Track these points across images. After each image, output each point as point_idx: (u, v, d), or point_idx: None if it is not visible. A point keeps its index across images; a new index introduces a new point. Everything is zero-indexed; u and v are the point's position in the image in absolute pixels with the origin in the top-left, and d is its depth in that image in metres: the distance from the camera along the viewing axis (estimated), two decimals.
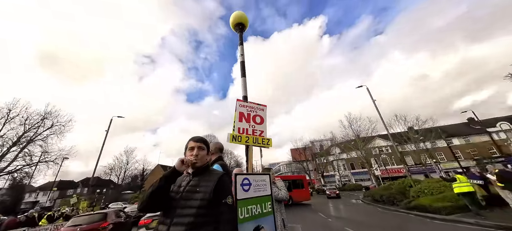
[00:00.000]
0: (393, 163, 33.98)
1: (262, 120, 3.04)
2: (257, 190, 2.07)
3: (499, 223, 5.51)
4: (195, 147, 1.41)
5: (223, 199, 1.27)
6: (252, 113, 3.03)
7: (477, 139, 29.96)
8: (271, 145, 2.85)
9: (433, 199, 8.37)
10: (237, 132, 2.75)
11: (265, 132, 2.96)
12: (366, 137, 29.89)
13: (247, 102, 3.12)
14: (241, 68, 3.37)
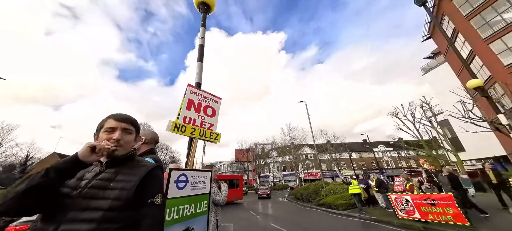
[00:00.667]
0: (313, 168, 41.65)
1: (214, 113, 2.74)
2: (195, 188, 1.85)
3: (373, 217, 7.75)
4: (117, 129, 1.00)
5: (149, 198, 0.95)
6: (204, 103, 2.69)
7: (366, 155, 42.13)
8: (219, 141, 2.57)
9: (335, 198, 10.73)
10: (182, 121, 2.34)
11: (216, 126, 2.69)
12: (298, 144, 35.20)
13: (200, 90, 2.74)
14: (199, 51, 3.04)
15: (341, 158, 37.06)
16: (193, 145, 2.35)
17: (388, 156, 41.89)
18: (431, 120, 15.95)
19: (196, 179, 2.03)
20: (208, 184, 2.18)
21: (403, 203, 6.79)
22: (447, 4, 16.35)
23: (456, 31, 16.08)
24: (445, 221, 5.56)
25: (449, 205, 5.55)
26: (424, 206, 6.12)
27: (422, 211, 6.18)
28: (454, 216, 5.39)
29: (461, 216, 5.25)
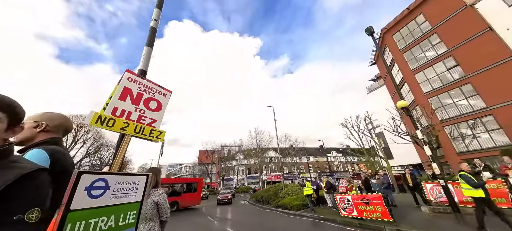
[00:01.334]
0: (276, 170, 43.41)
1: (159, 107, 2.31)
2: (119, 195, 1.52)
3: (321, 216, 8.44)
4: None
5: (17, 213, 0.68)
6: (146, 94, 2.25)
7: (321, 159, 46.67)
8: (163, 140, 2.14)
9: (292, 199, 11.30)
10: (111, 113, 1.87)
11: (159, 122, 2.28)
12: (264, 148, 36.15)
13: (143, 79, 2.29)
14: (149, 35, 2.64)
15: (300, 162, 39.97)
16: (124, 143, 1.91)
17: (338, 160, 47.74)
18: (371, 131, 19.03)
19: (122, 184, 1.63)
20: (141, 191, 1.80)
21: (345, 202, 7.65)
22: (389, 38, 20.02)
23: (393, 61, 19.80)
24: (375, 217, 6.51)
25: (378, 204, 6.53)
26: (361, 204, 7.03)
27: (359, 209, 7.08)
28: (382, 213, 6.37)
29: (387, 214, 6.24)
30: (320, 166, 45.44)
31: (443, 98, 15.11)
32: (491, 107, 12.22)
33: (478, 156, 10.23)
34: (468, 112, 13.47)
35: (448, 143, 14.13)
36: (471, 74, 13.40)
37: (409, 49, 17.95)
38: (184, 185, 14.86)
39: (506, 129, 11.49)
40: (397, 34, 19.25)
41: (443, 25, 15.40)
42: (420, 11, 17.20)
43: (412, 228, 5.45)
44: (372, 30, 8.55)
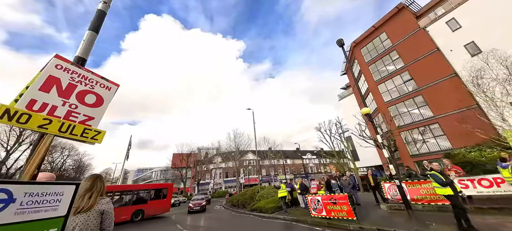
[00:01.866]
0: (254, 173, 43.37)
1: (99, 102, 1.95)
2: (30, 210, 1.27)
3: (294, 217, 8.59)
4: None
5: None
6: (81, 86, 1.90)
7: (297, 161, 48.40)
8: (100, 141, 1.81)
9: (267, 202, 11.33)
10: (26, 107, 1.52)
11: (98, 120, 1.91)
12: (243, 150, 35.72)
13: (80, 68, 1.94)
14: (95, 18, 2.33)
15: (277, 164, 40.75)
16: (42, 144, 1.55)
17: (313, 162, 50.19)
18: (341, 135, 20.53)
19: (36, 197, 1.33)
20: (66, 204, 1.48)
21: (315, 203, 7.93)
22: (357, 52, 22.06)
23: (360, 72, 21.83)
24: (341, 216, 6.87)
25: (344, 203, 6.93)
26: (329, 204, 7.37)
27: (327, 209, 7.41)
28: (347, 212, 6.76)
29: (351, 213, 6.64)
30: (296, 168, 47.08)
31: (400, 107, 17.19)
32: (437, 116, 14.35)
33: (427, 159, 11.83)
34: (419, 120, 15.57)
35: (403, 146, 16.06)
36: (422, 87, 15.57)
37: (374, 62, 20.06)
38: (151, 192, 13.59)
39: (448, 135, 13.60)
40: (364, 48, 21.35)
41: (401, 43, 17.64)
42: (383, 29, 19.43)
43: (372, 225, 5.89)
44: (342, 42, 9.22)
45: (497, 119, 8.68)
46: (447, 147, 13.36)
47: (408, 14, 17.72)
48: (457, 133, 12.44)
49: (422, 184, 7.39)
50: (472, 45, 13.13)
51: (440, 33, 15.22)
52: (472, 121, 10.51)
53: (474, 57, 12.18)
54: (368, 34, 20.91)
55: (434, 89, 14.80)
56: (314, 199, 8.02)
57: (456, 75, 13.56)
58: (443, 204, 6.70)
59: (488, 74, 9.42)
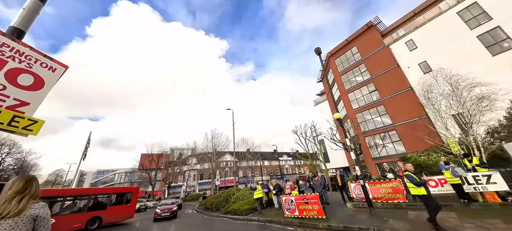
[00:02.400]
0: (230, 175, 42.60)
1: (38, 85, 1.57)
2: None
3: (268, 218, 8.58)
4: None
5: None
6: (14, 62, 1.54)
7: (274, 163, 49.39)
8: (36, 133, 1.48)
9: (242, 204, 11.13)
10: None
11: (35, 106, 1.52)
12: (221, 151, 34.71)
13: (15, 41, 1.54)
14: None
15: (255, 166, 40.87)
16: None
17: (288, 164, 51.90)
18: (314, 138, 21.70)
19: None
20: None
21: (289, 203, 8.08)
22: (332, 61, 23.73)
23: (334, 81, 23.51)
24: (312, 215, 7.13)
25: (315, 203, 7.21)
26: (302, 204, 7.58)
27: (300, 209, 7.61)
28: (317, 211, 7.04)
29: (321, 211, 6.94)
30: (272, 169, 47.98)
31: (365, 115, 19.02)
32: (395, 124, 16.30)
33: (386, 161, 13.28)
34: (380, 127, 17.46)
35: (367, 150, 17.77)
36: (384, 98, 17.52)
37: (346, 72, 21.84)
38: (112, 196, 12.06)
39: (403, 141, 15.53)
40: (338, 59, 23.11)
41: (369, 57, 19.62)
42: (355, 44, 21.35)
43: (339, 223, 6.24)
44: (320, 51, 9.74)
45: (442, 128, 10.25)
46: (402, 151, 15.25)
47: (376, 32, 19.84)
48: (410, 139, 14.31)
49: (382, 184, 8.19)
50: (425, 64, 15.36)
51: (400, 51, 17.42)
52: (422, 129, 12.22)
53: (426, 75, 14.26)
54: (342, 46, 22.71)
55: (393, 100, 16.80)
56: (288, 200, 8.16)
57: (411, 89, 15.65)
58: (398, 202, 7.52)
59: (436, 90, 11.09)
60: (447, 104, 10.21)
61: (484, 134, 9.12)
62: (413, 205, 7.06)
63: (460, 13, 14.10)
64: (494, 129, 9.11)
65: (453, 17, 14.39)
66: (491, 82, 9.70)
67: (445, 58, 13.72)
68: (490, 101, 9.08)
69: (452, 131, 9.80)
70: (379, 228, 5.28)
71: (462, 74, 10.40)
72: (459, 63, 12.13)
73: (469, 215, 5.37)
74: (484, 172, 5.89)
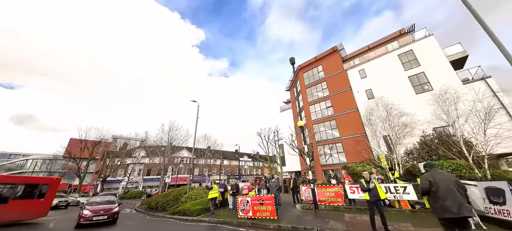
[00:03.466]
0: (185, 172, 39.55)
1: None
2: None
3: (220, 219, 8.18)
4: None
5: None
6: None
7: (234, 163, 48.99)
8: None
9: (194, 204, 10.30)
10: None
11: None
12: (177, 146, 31.58)
13: None
14: None
15: (214, 164, 39.38)
16: None
17: (247, 165, 52.61)
18: (276, 142, 22.76)
19: None
20: None
21: (245, 204, 7.97)
22: (301, 74, 25.61)
23: (300, 92, 25.40)
24: (265, 216, 7.22)
25: (270, 204, 7.35)
26: (257, 205, 7.60)
27: (254, 210, 7.60)
28: (270, 212, 7.18)
29: (274, 212, 7.11)
30: (231, 169, 47.45)
31: (320, 126, 21.28)
32: (341, 138, 18.83)
33: (331, 169, 15.09)
34: (330, 138, 19.86)
35: (317, 157, 19.86)
36: (336, 114, 20.05)
37: (310, 86, 23.97)
38: (18, 187, 9.04)
39: (346, 152, 18.07)
40: (306, 73, 25.16)
41: (329, 77, 22.14)
42: (321, 63, 23.75)
43: (288, 223, 6.52)
44: (294, 61, 10.26)
45: (375, 145, 12.43)
46: (344, 161, 17.71)
47: (338, 57, 22.63)
48: (352, 151, 16.79)
49: (327, 189, 9.15)
50: (370, 91, 18.46)
51: (353, 77, 20.39)
52: (362, 144, 14.53)
53: (369, 100, 17.12)
54: (310, 63, 24.85)
55: (343, 117, 19.43)
56: (244, 200, 8.04)
57: (357, 110, 18.48)
58: (338, 205, 8.54)
59: (375, 113, 13.42)
60: (382, 126, 12.49)
61: (403, 153, 11.61)
62: (348, 208, 8.14)
63: (400, 55, 17.72)
64: (410, 151, 11.73)
65: (395, 58, 17.94)
66: (413, 114, 12.51)
67: (385, 89, 16.90)
68: (411, 128, 11.66)
69: (382, 148, 12.02)
70: (322, 228, 5.77)
71: (395, 104, 12.99)
72: (394, 95, 15.14)
73: (388, 219, 6.57)
74: (402, 184, 7.36)
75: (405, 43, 18.17)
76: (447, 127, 10.62)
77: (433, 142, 10.74)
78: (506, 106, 10.84)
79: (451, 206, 2.92)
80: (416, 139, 11.92)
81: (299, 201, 10.01)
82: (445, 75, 13.98)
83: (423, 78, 15.71)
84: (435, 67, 15.17)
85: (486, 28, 5.21)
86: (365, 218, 6.75)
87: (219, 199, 10.01)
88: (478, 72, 13.61)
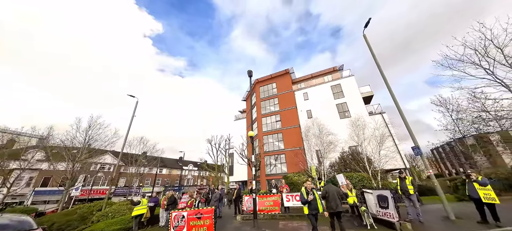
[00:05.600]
0: (104, 183, 31.58)
1: None
2: None
3: None
4: None
5: None
6: None
7: (175, 172, 43.62)
8: None
9: (110, 223, 8.22)
10: None
11: None
12: (100, 149, 24.78)
13: None
14: None
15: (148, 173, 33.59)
16: None
17: (192, 175, 48.15)
18: (226, 151, 22.34)
19: None
20: None
21: (179, 219, 7.09)
22: (258, 88, 27.00)
23: (255, 104, 26.57)
24: None
25: (208, 217, 6.88)
26: (193, 220, 6.92)
27: (189, 226, 6.86)
28: (208, 227, 6.71)
29: (211, 227, 6.67)
30: (171, 179, 41.96)
31: (269, 138, 22.79)
32: (285, 149, 20.79)
33: (274, 178, 16.17)
34: (276, 149, 21.54)
35: (264, 167, 20.91)
36: (283, 128, 22.14)
37: (264, 100, 25.60)
38: None
39: (287, 163, 19.96)
40: (262, 88, 26.81)
41: (281, 95, 24.52)
42: (275, 80, 26.05)
43: None
44: (251, 73, 10.69)
45: (309, 158, 14.39)
46: (285, 171, 19.46)
47: (289, 78, 25.56)
48: (292, 163, 18.73)
49: (267, 197, 9.61)
50: (309, 112, 21.64)
51: (299, 98, 23.45)
52: (299, 156, 16.51)
53: (308, 119, 19.97)
54: (266, 79, 26.78)
55: (288, 131, 21.68)
56: (179, 215, 7.14)
57: (299, 126, 21.12)
58: (275, 214, 9.09)
59: (311, 131, 15.72)
60: (315, 142, 14.74)
61: (328, 166, 14.04)
62: (283, 215, 8.81)
63: (332, 86, 21.99)
64: (333, 164, 14.33)
65: (328, 88, 22.08)
66: (336, 134, 15.51)
67: (319, 112, 20.29)
68: (334, 145, 14.32)
69: (314, 161, 14.08)
70: None
71: (325, 125, 15.74)
72: (325, 117, 18.39)
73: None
74: None
75: (336, 77, 22.90)
76: (357, 146, 13.80)
77: (348, 158, 13.63)
78: (393, 135, 15.37)
79: (333, 205, 5.00)
80: (337, 154, 14.80)
81: (241, 212, 9.96)
82: (358, 106, 18.45)
83: (345, 107, 20.07)
84: (353, 99, 19.78)
85: (385, 79, 7.31)
86: (296, 224, 7.48)
87: (146, 216, 8.44)
88: (378, 108, 18.77)
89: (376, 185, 10.60)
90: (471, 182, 5.66)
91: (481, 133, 9.14)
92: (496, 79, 6.91)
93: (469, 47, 7.20)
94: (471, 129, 8.70)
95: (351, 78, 21.42)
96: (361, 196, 7.41)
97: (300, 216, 8.39)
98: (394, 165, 13.94)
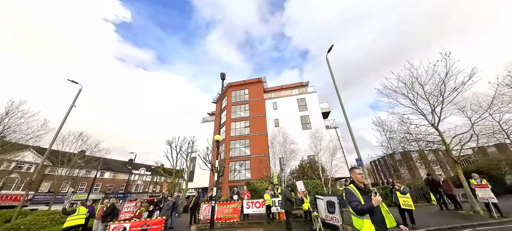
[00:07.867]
0: (19, 187, 24.48)
1: None
2: None
3: None
4: None
5: None
6: None
7: (121, 176, 36.64)
8: None
9: None
10: None
11: None
12: (15, 143, 18.80)
13: None
14: None
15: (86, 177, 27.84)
16: None
17: (143, 180, 40.95)
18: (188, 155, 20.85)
19: None
20: None
21: None
22: (229, 92, 26.65)
23: (225, 107, 26.04)
24: None
25: (157, 229, 6.16)
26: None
27: None
28: None
29: None
30: (115, 184, 35.12)
31: (236, 143, 22.56)
32: (251, 155, 20.90)
33: (237, 184, 15.91)
34: (243, 155, 21.45)
35: (227, 173, 20.41)
36: (251, 134, 22.34)
37: (235, 105, 25.42)
38: None
39: (252, 169, 20.04)
40: (234, 92, 26.63)
41: (252, 102, 24.88)
42: (247, 87, 26.35)
43: None
44: (224, 77, 10.46)
45: (273, 165, 14.84)
46: (248, 178, 19.47)
47: (261, 86, 26.30)
48: (256, 169, 18.93)
49: (227, 205, 9.32)
50: (277, 120, 22.62)
51: (268, 107, 24.30)
52: (263, 163, 16.87)
53: (275, 128, 20.81)
54: (239, 84, 26.82)
55: (255, 138, 21.99)
56: (120, 227, 6.13)
57: (266, 133, 21.74)
58: (232, 221, 8.86)
59: (277, 139, 16.38)
60: (279, 150, 15.38)
61: (289, 173, 14.81)
62: (241, 223, 8.67)
63: (298, 99, 23.73)
64: (293, 171, 15.20)
65: (295, 100, 23.72)
66: (298, 143, 16.61)
67: (286, 121, 21.46)
68: (295, 154, 15.25)
69: (277, 168, 14.62)
70: None
71: (289, 134, 16.69)
72: (290, 127, 19.57)
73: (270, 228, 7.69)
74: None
75: (302, 92, 24.90)
76: (314, 156, 15.10)
77: (306, 166, 14.72)
78: (343, 148, 17.45)
79: (281, 205, 6.87)
80: (297, 162, 15.82)
81: (197, 222, 9.30)
82: (318, 120, 20.42)
83: (308, 119, 21.90)
84: (314, 113, 21.80)
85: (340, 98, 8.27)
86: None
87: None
88: (333, 123, 21.16)
89: (327, 192, 11.69)
90: (395, 191, 6.87)
91: (405, 151, 11.37)
92: (417, 109, 8.81)
93: (401, 81, 9.01)
94: (399, 147, 10.73)
95: (314, 94, 23.67)
96: (314, 202, 8.00)
97: (258, 223, 8.42)
98: (342, 174, 15.84)
